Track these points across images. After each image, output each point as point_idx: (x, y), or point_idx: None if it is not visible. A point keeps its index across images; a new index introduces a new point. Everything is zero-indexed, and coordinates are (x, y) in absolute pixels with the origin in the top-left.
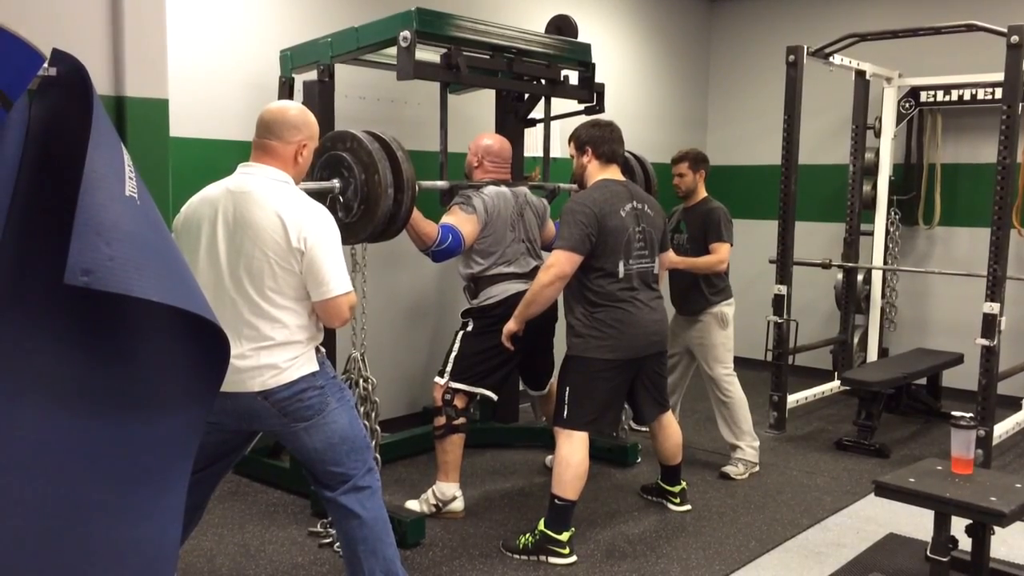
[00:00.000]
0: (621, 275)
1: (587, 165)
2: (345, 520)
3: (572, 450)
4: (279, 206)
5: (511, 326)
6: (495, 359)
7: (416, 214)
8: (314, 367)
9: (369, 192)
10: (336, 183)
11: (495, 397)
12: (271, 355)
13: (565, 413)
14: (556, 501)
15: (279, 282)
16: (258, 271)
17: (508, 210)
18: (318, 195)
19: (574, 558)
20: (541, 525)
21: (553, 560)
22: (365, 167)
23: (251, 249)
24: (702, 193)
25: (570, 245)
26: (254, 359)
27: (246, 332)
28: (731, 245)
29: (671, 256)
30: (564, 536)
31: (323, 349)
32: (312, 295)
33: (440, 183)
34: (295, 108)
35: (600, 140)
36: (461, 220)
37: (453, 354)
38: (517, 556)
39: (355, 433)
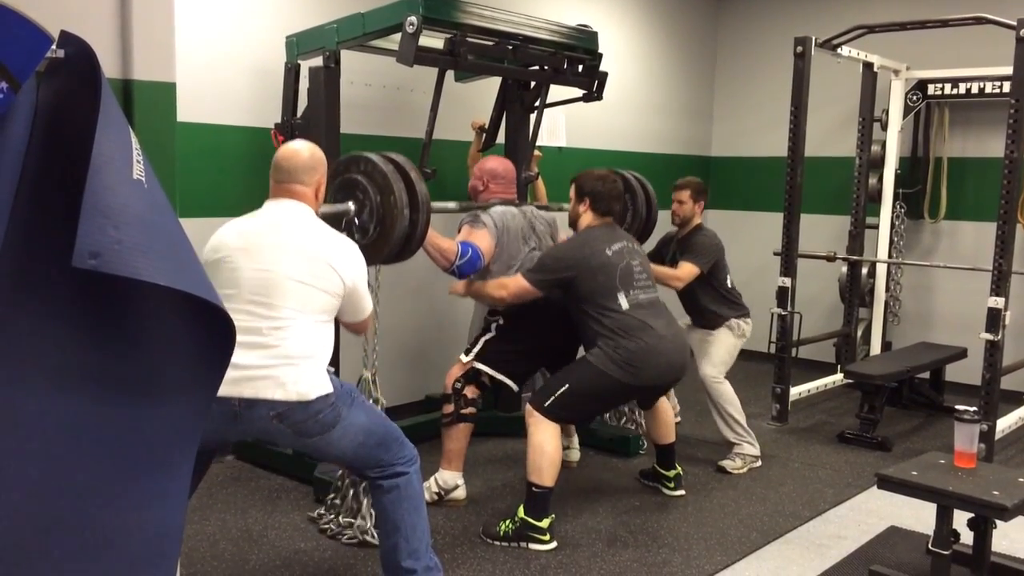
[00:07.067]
0: (626, 307)
1: (582, 214)
2: (391, 481)
3: (545, 437)
4: (320, 241)
5: (458, 287)
6: (525, 353)
7: (433, 233)
8: (329, 388)
9: (385, 213)
10: (351, 205)
11: (516, 388)
12: (292, 372)
13: (548, 403)
14: (534, 488)
15: (313, 306)
16: (296, 294)
17: (517, 224)
18: (333, 218)
19: (554, 544)
20: (520, 512)
21: (533, 547)
22: (380, 188)
23: (290, 273)
24: (697, 222)
25: (532, 279)
26: (274, 371)
27: (271, 347)
28: (701, 272)
29: None
30: (544, 523)
31: (331, 369)
32: (347, 317)
33: (450, 204)
34: (306, 150)
35: (600, 196)
36: (474, 236)
37: (485, 337)
38: (497, 543)
39: (377, 425)
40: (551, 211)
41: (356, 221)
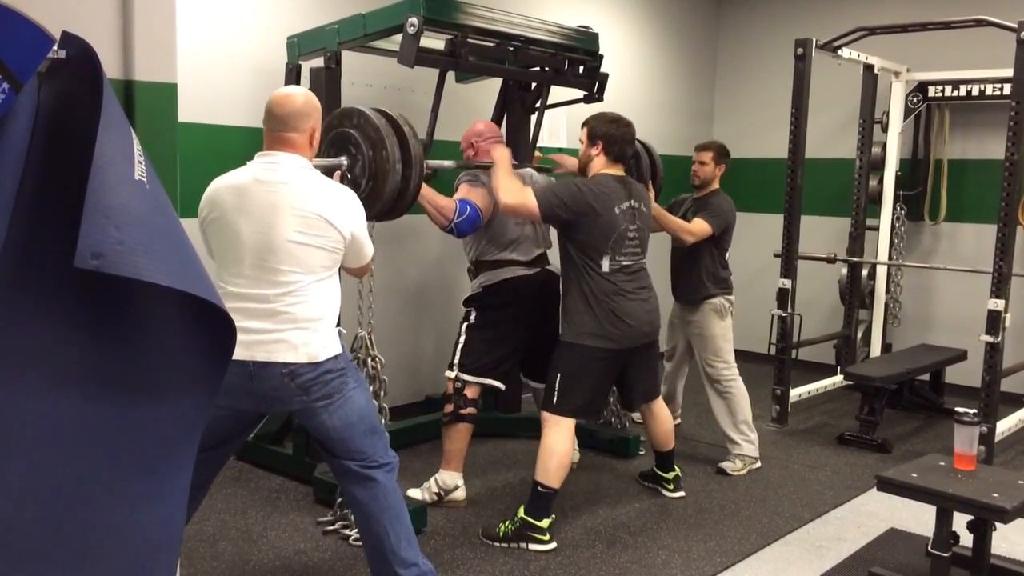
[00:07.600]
0: (605, 269)
1: (594, 158)
2: (367, 490)
3: (558, 439)
4: (314, 196)
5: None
6: (500, 349)
7: (430, 191)
8: (338, 349)
9: (377, 168)
10: (344, 160)
11: (503, 387)
12: (303, 335)
13: (555, 399)
14: (539, 488)
15: (315, 265)
16: (297, 256)
17: None
18: (325, 172)
19: (554, 544)
20: (521, 512)
21: (533, 547)
22: (372, 143)
23: (288, 235)
24: (715, 186)
25: (545, 202)
26: (285, 335)
27: (280, 314)
28: (713, 232)
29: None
30: (544, 523)
31: (343, 331)
32: (349, 264)
33: (447, 163)
34: (300, 95)
35: (614, 139)
36: (473, 195)
37: (460, 345)
38: (497, 544)
39: (372, 415)
40: (549, 173)
41: (348, 176)
